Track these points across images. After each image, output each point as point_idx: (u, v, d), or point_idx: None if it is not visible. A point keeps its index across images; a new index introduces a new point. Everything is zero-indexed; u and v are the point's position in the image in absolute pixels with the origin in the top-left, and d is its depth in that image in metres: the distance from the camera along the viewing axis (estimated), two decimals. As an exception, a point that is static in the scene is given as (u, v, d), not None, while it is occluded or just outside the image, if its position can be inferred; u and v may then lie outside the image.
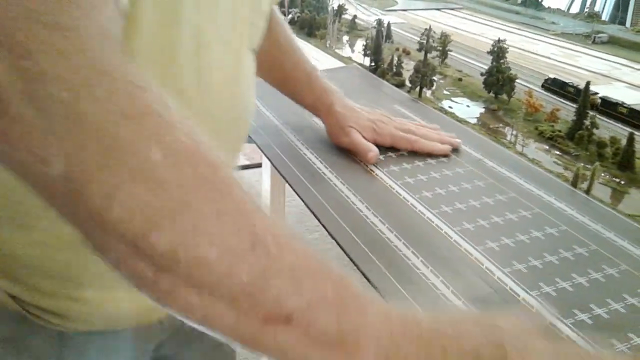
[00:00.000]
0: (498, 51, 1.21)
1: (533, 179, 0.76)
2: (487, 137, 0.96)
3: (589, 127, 0.93)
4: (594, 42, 1.96)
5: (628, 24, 2.58)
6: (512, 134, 1.05)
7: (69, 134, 0.28)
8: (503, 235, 0.61)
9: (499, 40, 1.22)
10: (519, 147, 0.98)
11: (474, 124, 1.10)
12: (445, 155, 0.81)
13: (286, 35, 0.81)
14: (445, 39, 1.49)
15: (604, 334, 0.47)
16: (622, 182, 0.85)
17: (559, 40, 1.97)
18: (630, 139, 0.86)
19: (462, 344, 0.33)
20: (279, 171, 0.76)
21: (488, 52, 1.25)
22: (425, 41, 1.24)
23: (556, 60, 1.67)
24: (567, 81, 1.26)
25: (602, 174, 0.88)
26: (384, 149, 0.80)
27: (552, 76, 1.32)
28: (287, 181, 0.73)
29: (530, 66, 1.56)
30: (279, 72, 0.82)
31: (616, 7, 2.82)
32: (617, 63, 1.67)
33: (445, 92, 1.35)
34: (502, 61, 1.22)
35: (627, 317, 0.50)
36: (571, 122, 0.99)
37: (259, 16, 0.56)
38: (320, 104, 0.82)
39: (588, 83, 0.99)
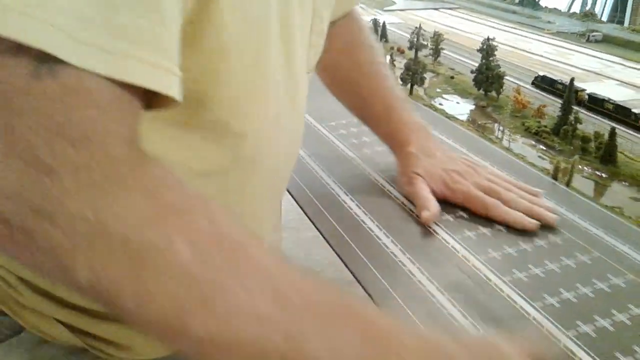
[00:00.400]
0: (487, 49, 1.23)
1: (515, 172, 0.78)
2: (474, 132, 0.98)
3: (573, 122, 0.95)
4: (588, 40, 1.99)
5: (626, 23, 2.59)
6: (499, 130, 1.07)
7: (93, 248, 0.28)
8: (480, 225, 0.63)
9: (488, 39, 1.24)
10: (505, 143, 1.00)
11: (464, 121, 1.12)
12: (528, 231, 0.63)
13: (370, 58, 0.74)
14: (437, 38, 1.51)
15: (571, 316, 0.50)
16: (605, 176, 0.87)
17: (554, 39, 1.99)
18: (612, 133, 0.88)
19: None
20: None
21: (478, 50, 1.27)
22: (415, 39, 1.26)
23: (549, 59, 1.70)
24: (556, 78, 1.28)
25: (586, 168, 0.90)
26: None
27: (541, 74, 1.34)
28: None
29: (525, 64, 1.58)
30: (355, 96, 0.74)
31: (614, 7, 2.85)
32: (610, 61, 1.70)
33: (437, 89, 1.37)
34: (491, 59, 1.24)
35: (594, 301, 0.52)
36: (557, 118, 1.01)
37: (319, 36, 0.53)
38: (394, 139, 0.71)
39: (572, 79, 1.01)
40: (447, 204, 0.66)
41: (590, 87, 1.13)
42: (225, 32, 0.37)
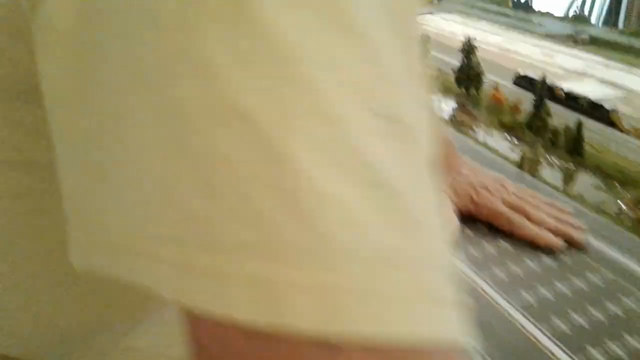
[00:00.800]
0: (468, 49, 1.29)
1: (486, 163, 0.82)
2: (451, 128, 1.03)
3: (544, 117, 1.00)
4: (575, 42, 2.04)
5: (620, 26, 2.62)
6: (476, 125, 1.12)
7: None
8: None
9: (468, 39, 1.29)
10: (481, 137, 1.05)
11: (444, 118, 1.17)
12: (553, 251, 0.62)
13: None
14: (424, 40, 1.57)
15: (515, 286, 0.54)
16: (571, 167, 0.92)
17: (542, 40, 2.04)
18: (579, 126, 0.93)
19: None
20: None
21: (459, 50, 1.32)
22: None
23: (534, 59, 1.74)
24: (534, 77, 1.33)
25: (555, 160, 0.95)
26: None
27: (522, 73, 1.39)
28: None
29: (510, 65, 1.62)
30: None
31: (609, 11, 2.86)
32: (594, 61, 1.75)
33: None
34: (472, 57, 1.29)
35: (539, 273, 0.57)
36: (530, 113, 1.06)
37: None
38: None
39: (544, 76, 1.06)
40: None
41: (571, 85, 1.17)
42: None
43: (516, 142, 1.02)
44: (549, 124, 1.01)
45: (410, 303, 0.17)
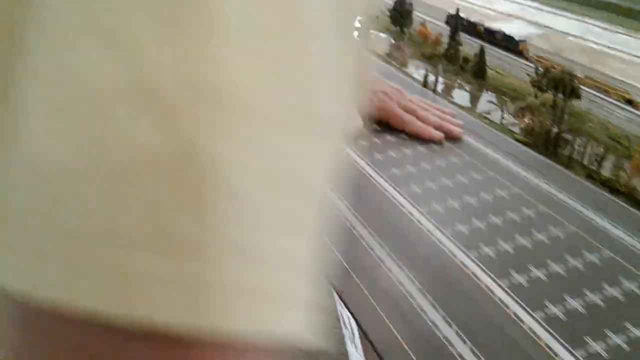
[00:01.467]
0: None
1: (411, 90, 0.88)
2: (386, 62, 1.21)
3: (457, 47, 1.31)
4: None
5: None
6: (406, 58, 1.34)
7: None
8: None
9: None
10: (409, 69, 1.31)
11: (381, 53, 1.36)
12: (438, 142, 0.72)
13: None
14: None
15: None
16: (476, 89, 1.14)
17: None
18: (481, 52, 1.21)
19: None
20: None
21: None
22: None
23: (471, 3, 1.77)
24: (463, 16, 1.50)
25: (464, 84, 1.15)
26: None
27: (453, 13, 1.52)
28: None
29: (450, 8, 1.63)
30: None
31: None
32: (527, 5, 1.73)
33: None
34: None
35: (425, 169, 0.70)
36: (446, 44, 1.35)
37: None
38: None
39: (457, 10, 1.33)
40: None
41: (500, 25, 1.32)
42: None
43: (433, 70, 1.22)
44: (460, 53, 1.28)
45: (259, 301, 0.15)
